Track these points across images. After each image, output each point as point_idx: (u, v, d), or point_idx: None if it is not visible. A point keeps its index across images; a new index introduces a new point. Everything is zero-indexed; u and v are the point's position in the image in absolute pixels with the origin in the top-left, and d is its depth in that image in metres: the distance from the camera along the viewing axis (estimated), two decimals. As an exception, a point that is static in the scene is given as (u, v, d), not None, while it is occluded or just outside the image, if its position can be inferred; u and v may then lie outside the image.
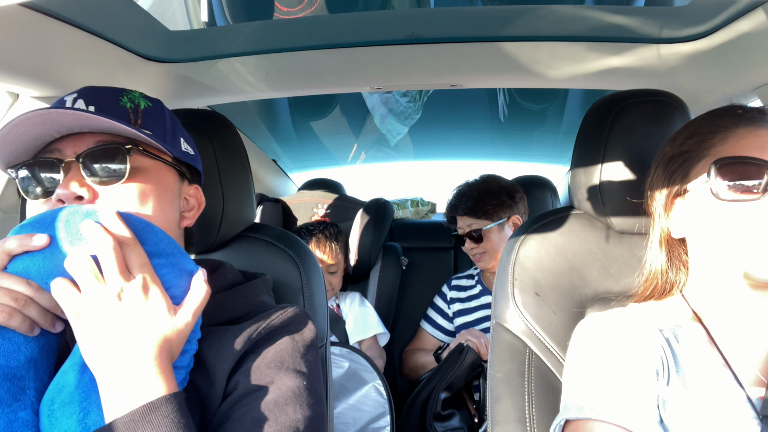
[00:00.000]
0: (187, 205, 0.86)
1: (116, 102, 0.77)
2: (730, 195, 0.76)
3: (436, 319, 2.01)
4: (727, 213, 0.77)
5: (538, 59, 1.39)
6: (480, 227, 1.86)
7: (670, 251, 0.88)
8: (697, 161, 0.82)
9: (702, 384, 0.75)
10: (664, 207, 0.87)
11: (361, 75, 1.50)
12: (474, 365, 1.72)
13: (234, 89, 1.56)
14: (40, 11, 0.95)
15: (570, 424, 0.78)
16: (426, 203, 2.80)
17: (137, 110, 0.78)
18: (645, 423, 0.73)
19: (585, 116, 1.09)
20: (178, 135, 0.84)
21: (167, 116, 0.83)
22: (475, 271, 2.04)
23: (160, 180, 0.78)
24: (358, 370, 1.63)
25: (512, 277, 1.06)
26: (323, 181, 2.80)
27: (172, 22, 1.19)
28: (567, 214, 1.11)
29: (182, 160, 0.83)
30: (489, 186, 1.91)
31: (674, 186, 0.85)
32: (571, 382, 0.82)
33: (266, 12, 1.24)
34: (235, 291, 0.86)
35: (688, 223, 0.84)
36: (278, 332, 0.80)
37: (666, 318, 0.84)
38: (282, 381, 0.74)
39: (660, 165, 0.88)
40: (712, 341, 0.80)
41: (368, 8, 1.25)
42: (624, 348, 0.79)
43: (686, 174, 0.83)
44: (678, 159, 0.85)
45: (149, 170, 0.77)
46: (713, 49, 1.22)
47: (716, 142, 0.80)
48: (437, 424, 1.65)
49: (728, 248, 0.77)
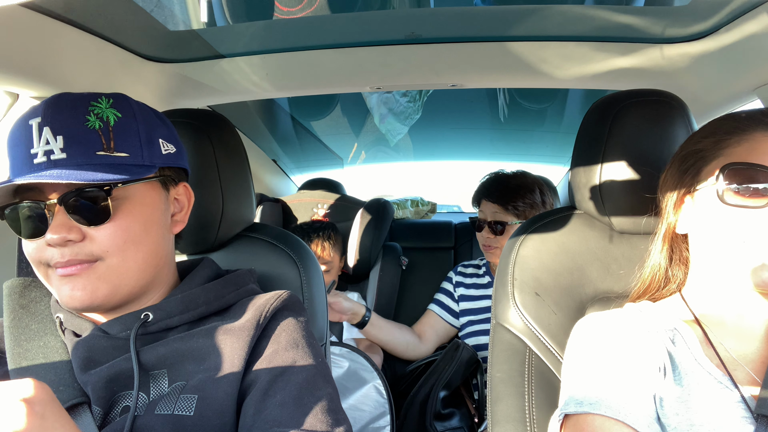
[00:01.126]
0: (178, 206, 0.87)
1: (83, 126, 0.74)
2: (735, 200, 0.76)
3: (442, 300, 1.98)
4: (730, 217, 0.77)
5: (537, 59, 1.39)
6: (505, 221, 1.80)
7: (672, 246, 0.89)
8: (710, 161, 0.82)
9: (697, 383, 0.76)
10: (674, 203, 0.87)
11: (361, 75, 1.50)
12: (470, 361, 1.72)
13: (234, 89, 1.56)
14: (40, 11, 0.95)
15: (569, 418, 0.79)
16: (426, 203, 2.80)
17: (107, 129, 0.75)
18: (643, 419, 0.73)
19: (585, 116, 1.09)
20: (155, 138, 0.81)
21: (139, 122, 0.79)
22: (481, 262, 2.02)
23: (144, 204, 0.79)
24: (358, 369, 1.63)
25: (512, 276, 1.06)
26: (323, 181, 2.80)
27: (171, 21, 1.19)
28: (567, 214, 1.11)
29: (164, 166, 0.82)
30: (526, 182, 1.85)
31: (685, 183, 0.85)
32: (569, 378, 0.82)
33: (266, 12, 1.24)
34: (225, 280, 0.88)
35: (694, 222, 0.84)
36: (282, 314, 0.84)
37: (663, 318, 0.85)
38: (304, 360, 0.80)
39: (675, 161, 0.89)
40: (708, 341, 0.80)
41: (368, 8, 1.25)
42: (623, 345, 0.80)
43: (698, 173, 0.84)
44: (692, 157, 0.85)
45: (132, 197, 0.77)
46: (713, 49, 1.22)
47: (731, 144, 0.80)
48: (437, 423, 1.65)
49: (728, 252, 0.78)
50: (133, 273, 0.77)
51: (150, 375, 0.76)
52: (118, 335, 0.78)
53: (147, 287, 0.82)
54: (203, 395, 0.74)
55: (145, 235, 0.78)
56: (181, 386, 0.75)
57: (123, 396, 0.75)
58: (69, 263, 0.73)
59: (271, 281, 1.07)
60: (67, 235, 0.72)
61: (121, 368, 0.75)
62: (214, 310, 0.84)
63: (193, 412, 0.73)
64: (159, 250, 0.82)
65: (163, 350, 0.77)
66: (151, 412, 0.73)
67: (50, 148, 0.72)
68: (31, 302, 0.84)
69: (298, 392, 0.75)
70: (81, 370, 0.76)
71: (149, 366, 0.77)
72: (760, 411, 0.71)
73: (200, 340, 0.78)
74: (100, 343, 0.77)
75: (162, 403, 0.74)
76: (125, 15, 1.10)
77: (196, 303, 0.83)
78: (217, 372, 0.76)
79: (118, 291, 0.77)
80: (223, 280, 0.88)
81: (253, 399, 0.75)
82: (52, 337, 0.80)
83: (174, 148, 0.84)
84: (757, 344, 0.79)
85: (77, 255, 0.73)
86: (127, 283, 0.77)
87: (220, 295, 0.86)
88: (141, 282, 0.79)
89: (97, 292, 0.74)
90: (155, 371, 0.76)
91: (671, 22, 1.21)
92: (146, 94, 1.40)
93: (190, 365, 0.76)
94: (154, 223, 0.80)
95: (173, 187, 0.86)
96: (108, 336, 0.78)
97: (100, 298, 0.75)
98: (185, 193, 0.89)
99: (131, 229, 0.76)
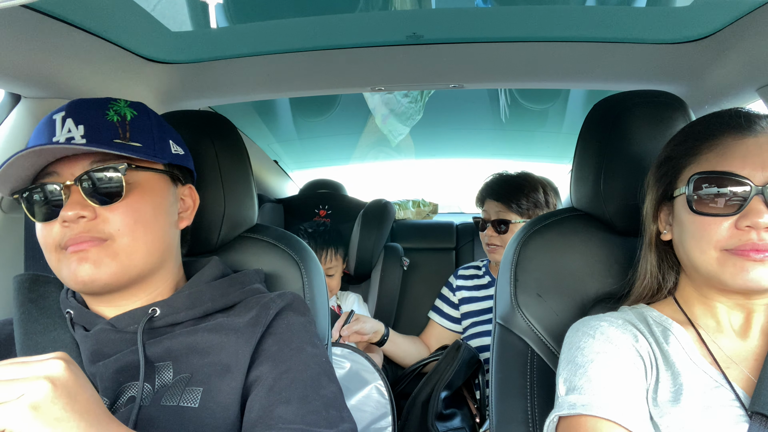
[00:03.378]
0: (184, 206, 0.91)
1: (104, 117, 0.80)
2: (705, 208, 0.77)
3: (442, 308, 2.01)
4: (702, 225, 0.77)
5: (539, 60, 1.39)
6: (509, 219, 1.81)
7: (660, 253, 0.89)
8: (683, 168, 0.82)
9: (692, 382, 0.77)
10: (654, 209, 0.88)
11: (362, 76, 1.50)
12: (472, 361, 1.72)
13: (235, 90, 1.56)
14: (42, 12, 0.95)
15: (563, 420, 0.79)
16: (427, 204, 2.80)
17: (125, 123, 0.81)
18: (637, 419, 0.74)
19: (586, 117, 1.09)
20: (167, 139, 0.86)
21: (153, 123, 0.85)
22: (482, 263, 2.03)
23: (155, 191, 0.83)
24: (359, 370, 1.63)
25: (514, 277, 1.06)
26: (325, 182, 2.80)
27: (173, 22, 1.19)
28: (569, 215, 1.11)
29: (174, 164, 0.87)
30: (530, 181, 1.87)
31: (661, 190, 0.86)
32: (563, 380, 0.83)
33: (268, 13, 1.24)
34: (231, 279, 0.91)
35: (673, 228, 0.85)
36: (286, 313, 0.86)
37: (656, 320, 0.85)
38: (308, 359, 0.81)
39: (653, 167, 0.89)
40: (701, 341, 0.81)
41: (369, 9, 1.25)
42: (615, 346, 0.81)
43: (673, 179, 0.84)
44: (667, 164, 0.86)
45: (144, 183, 0.82)
46: (715, 49, 1.22)
47: (703, 149, 0.80)
48: (439, 423, 1.65)
49: (704, 260, 0.78)
50: (142, 254, 0.80)
51: (155, 367, 0.78)
52: (126, 329, 0.81)
53: (152, 272, 0.84)
54: (208, 388, 0.76)
55: (154, 220, 0.81)
56: (186, 378, 0.77)
57: (129, 387, 0.77)
58: (80, 239, 0.76)
59: (274, 282, 1.07)
60: (81, 212, 0.75)
61: (127, 360, 0.77)
62: (220, 308, 0.86)
63: (198, 404, 0.75)
64: (166, 237, 0.85)
65: (169, 343, 0.79)
66: (157, 403, 0.75)
67: (72, 135, 0.77)
68: (40, 297, 0.86)
69: (303, 390, 0.76)
70: (90, 362, 0.79)
71: (155, 358, 0.79)
72: (754, 409, 0.72)
73: (205, 335, 0.80)
74: (108, 336, 0.80)
75: (167, 394, 0.75)
76: (126, 16, 1.10)
77: (202, 300, 0.85)
78: (222, 366, 0.78)
79: (125, 271, 0.79)
80: (230, 279, 0.91)
81: (257, 396, 0.76)
82: (62, 331, 0.82)
83: (182, 151, 0.90)
84: (750, 342, 0.80)
85: (89, 232, 0.76)
86: (135, 264, 0.79)
87: (226, 293, 0.88)
88: (148, 265, 0.82)
89: (105, 269, 0.76)
90: (160, 363, 0.79)
91: (673, 23, 1.20)
92: (147, 95, 1.40)
93: (194, 358, 0.78)
94: (163, 211, 0.84)
95: (180, 186, 0.90)
96: (116, 330, 0.80)
97: (108, 275, 0.77)
98: (191, 194, 0.93)
99: (142, 211, 0.80)
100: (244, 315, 0.83)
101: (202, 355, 0.79)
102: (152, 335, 0.81)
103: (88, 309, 0.84)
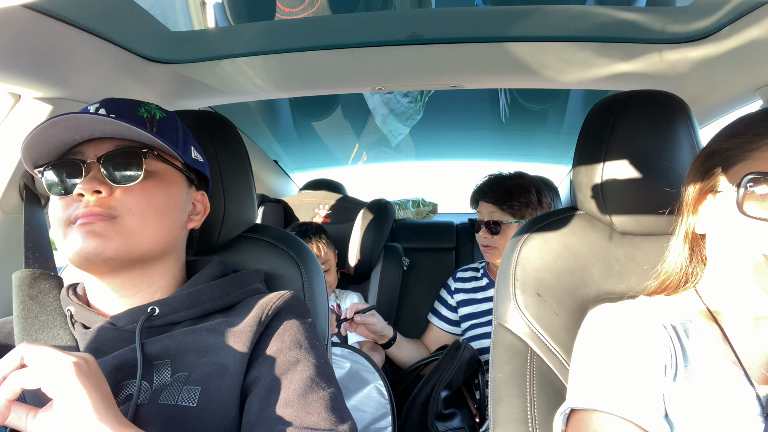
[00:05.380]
0: (194, 210, 0.93)
1: (134, 112, 0.85)
2: (756, 211, 0.72)
3: (440, 311, 2.02)
4: (749, 228, 0.73)
5: (539, 60, 1.39)
6: (501, 220, 1.83)
7: (692, 246, 0.85)
8: (735, 163, 0.77)
9: (710, 380, 0.75)
10: (694, 202, 0.83)
11: (362, 76, 1.50)
12: (472, 361, 1.72)
13: (235, 90, 1.56)
14: (42, 12, 0.95)
15: (575, 413, 0.79)
16: (427, 204, 2.80)
17: (153, 120, 0.86)
18: (650, 417, 0.73)
19: (586, 117, 1.09)
20: (189, 144, 0.91)
21: (180, 127, 0.90)
22: (480, 265, 2.03)
23: (171, 183, 0.86)
24: (359, 370, 1.63)
25: (514, 277, 1.06)
26: (325, 182, 2.80)
27: (173, 22, 1.19)
28: (569, 215, 1.11)
29: (192, 167, 0.90)
30: (522, 182, 1.88)
31: (708, 182, 0.81)
32: (578, 372, 0.82)
33: (267, 12, 1.24)
34: (231, 278, 0.92)
35: (712, 223, 0.81)
36: (285, 314, 0.86)
37: (677, 313, 0.83)
38: (307, 359, 0.81)
39: (700, 157, 0.84)
40: (725, 337, 0.79)
41: (369, 9, 1.25)
42: (632, 341, 0.79)
43: (722, 173, 0.78)
44: (717, 156, 0.80)
45: (162, 174, 0.85)
46: (715, 49, 1.22)
47: (761, 147, 0.74)
48: (439, 423, 1.65)
49: (745, 262, 0.74)
50: (149, 238, 0.81)
51: (153, 365, 0.78)
52: (125, 327, 0.81)
53: (155, 261, 0.85)
54: (206, 387, 0.76)
55: (166, 208, 0.84)
56: (185, 377, 0.77)
57: (126, 384, 0.77)
58: (91, 213, 0.77)
59: (273, 282, 1.07)
60: (97, 187, 0.77)
61: (125, 358, 0.78)
62: (219, 308, 0.87)
63: (196, 404, 0.75)
64: (174, 230, 0.86)
65: (167, 342, 0.80)
66: (155, 401, 0.75)
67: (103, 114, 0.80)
68: (40, 293, 0.86)
69: (302, 390, 0.77)
70: None
71: (153, 356, 0.79)
72: None
73: (204, 335, 0.80)
74: (107, 334, 0.80)
75: (165, 393, 0.76)
76: (126, 16, 1.10)
77: (201, 299, 0.85)
78: (220, 366, 0.78)
79: (129, 250, 0.79)
80: (229, 279, 0.91)
81: (256, 396, 0.76)
82: (62, 329, 0.83)
83: (202, 159, 0.94)
84: None
85: (101, 206, 0.78)
86: (140, 246, 0.81)
87: (225, 293, 0.88)
88: (152, 251, 0.83)
89: (110, 243, 0.77)
90: (158, 361, 0.79)
91: (673, 23, 1.20)
92: (148, 94, 1.40)
93: (192, 357, 0.79)
94: (175, 204, 0.86)
95: (194, 191, 0.93)
96: (115, 328, 0.81)
97: (111, 250, 0.77)
98: (203, 201, 0.95)
99: (156, 197, 0.82)
100: (243, 315, 0.84)
101: (201, 355, 0.79)
102: (151, 334, 0.81)
103: (88, 307, 0.84)
